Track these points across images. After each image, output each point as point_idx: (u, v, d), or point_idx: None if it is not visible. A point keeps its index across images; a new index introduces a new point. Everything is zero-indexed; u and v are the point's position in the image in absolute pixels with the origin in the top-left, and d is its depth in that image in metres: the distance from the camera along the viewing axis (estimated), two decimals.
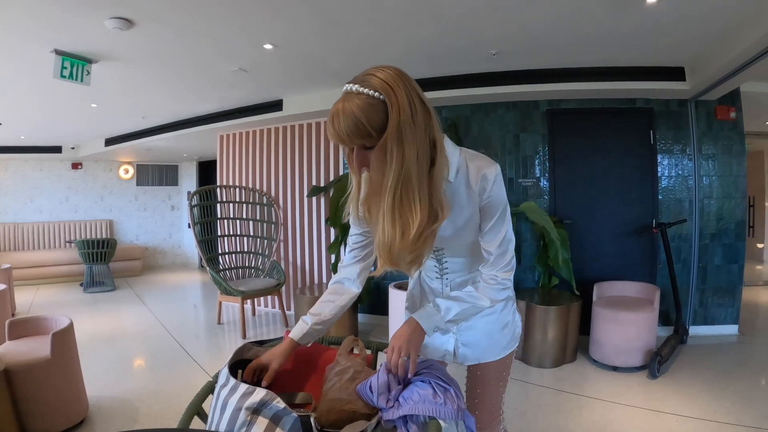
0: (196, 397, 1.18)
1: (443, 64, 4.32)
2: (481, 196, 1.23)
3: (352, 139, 1.05)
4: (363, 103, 1.02)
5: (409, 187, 1.08)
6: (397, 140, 1.04)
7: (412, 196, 1.09)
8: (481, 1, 3.06)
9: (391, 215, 1.10)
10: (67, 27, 3.25)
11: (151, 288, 7.80)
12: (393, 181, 1.06)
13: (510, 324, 1.49)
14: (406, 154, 1.05)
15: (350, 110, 1.02)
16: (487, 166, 1.23)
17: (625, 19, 3.26)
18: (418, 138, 1.07)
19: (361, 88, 1.03)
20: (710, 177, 4.61)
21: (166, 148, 8.38)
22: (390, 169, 1.06)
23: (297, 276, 5.87)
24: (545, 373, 3.80)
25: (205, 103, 5.71)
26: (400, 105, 1.03)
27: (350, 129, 1.03)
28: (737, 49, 3.37)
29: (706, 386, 3.42)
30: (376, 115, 1.03)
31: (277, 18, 3.28)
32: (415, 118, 1.06)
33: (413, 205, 1.09)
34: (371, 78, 1.05)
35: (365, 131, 1.03)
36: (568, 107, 4.73)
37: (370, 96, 1.03)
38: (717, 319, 4.64)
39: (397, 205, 1.09)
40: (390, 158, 1.05)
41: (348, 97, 1.04)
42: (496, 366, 1.49)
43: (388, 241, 1.12)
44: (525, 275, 4.77)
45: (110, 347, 4.49)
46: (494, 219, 1.26)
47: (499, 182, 1.24)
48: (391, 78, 1.05)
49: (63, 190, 9.49)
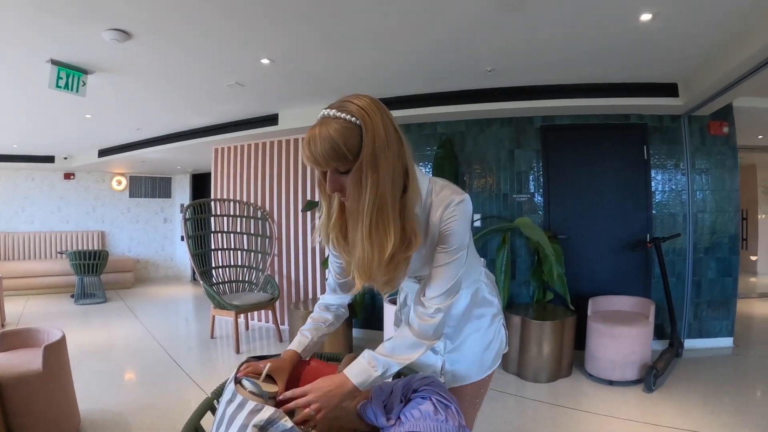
0: (194, 414, 1.18)
1: (439, 81, 4.35)
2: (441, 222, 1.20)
3: (327, 162, 1.06)
4: (340, 127, 1.04)
5: (384, 211, 1.10)
6: (372, 164, 1.06)
7: (386, 219, 1.11)
8: (476, 20, 3.09)
9: (369, 236, 1.11)
10: (64, 37, 3.24)
11: (143, 301, 7.72)
12: (369, 205, 1.08)
13: (494, 341, 1.49)
14: (381, 178, 1.07)
15: (327, 133, 1.04)
16: (454, 195, 1.20)
17: (618, 36, 3.29)
18: (391, 164, 1.09)
19: (339, 113, 1.06)
20: (704, 191, 4.64)
21: (160, 160, 8.35)
22: (365, 193, 1.08)
23: (291, 290, 5.84)
24: (541, 387, 3.78)
25: (201, 116, 5.70)
26: (375, 131, 1.06)
27: (326, 151, 1.04)
28: (729, 66, 3.42)
29: (702, 399, 3.42)
30: (352, 139, 1.05)
31: (275, 33, 3.29)
32: (389, 144, 1.09)
33: (387, 228, 1.11)
34: (348, 104, 1.08)
35: (341, 154, 1.05)
36: (563, 123, 4.77)
37: (347, 121, 1.05)
38: (712, 332, 4.65)
39: (374, 226, 1.10)
40: (365, 182, 1.07)
41: (325, 122, 1.06)
42: (478, 384, 1.48)
43: (366, 261, 1.13)
44: (520, 290, 4.77)
45: (102, 360, 4.44)
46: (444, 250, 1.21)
47: (462, 214, 1.19)
48: (367, 105, 1.08)
49: (55, 200, 9.41)
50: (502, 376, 3.99)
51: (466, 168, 4.96)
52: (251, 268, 5.90)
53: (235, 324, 4.84)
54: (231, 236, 6.02)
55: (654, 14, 2.93)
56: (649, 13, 2.93)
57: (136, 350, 4.82)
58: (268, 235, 5.90)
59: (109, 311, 6.81)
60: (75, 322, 6.07)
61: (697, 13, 2.91)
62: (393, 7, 2.90)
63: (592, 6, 2.86)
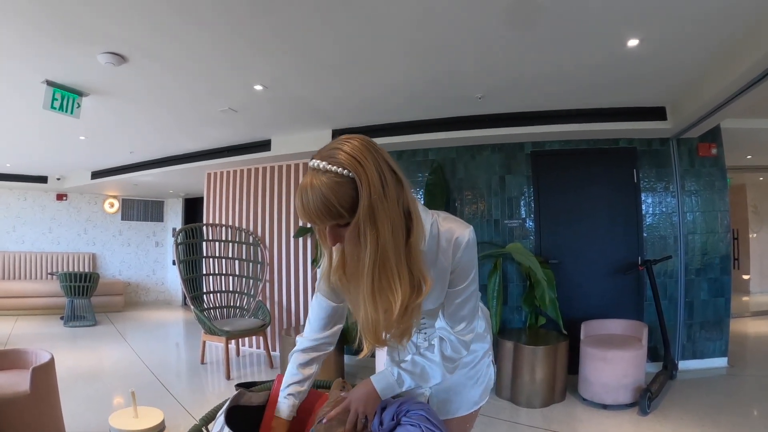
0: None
1: (430, 108, 4.39)
2: (454, 258, 1.18)
3: (323, 220, 1.00)
4: (331, 182, 0.97)
5: (387, 265, 1.03)
6: (369, 219, 0.99)
7: (390, 275, 1.04)
8: (466, 48, 3.14)
9: (372, 298, 1.06)
10: (60, 59, 3.26)
11: (133, 324, 7.65)
12: (369, 263, 1.02)
13: (483, 377, 1.48)
14: (380, 231, 1.00)
15: (318, 190, 0.97)
16: (459, 228, 1.18)
17: (606, 61, 3.33)
18: (391, 212, 1.02)
19: (329, 166, 0.98)
20: (694, 213, 4.67)
21: (153, 184, 8.34)
22: (365, 251, 1.01)
23: (282, 316, 5.80)
24: (534, 413, 3.75)
25: (194, 141, 5.72)
26: (370, 181, 0.98)
27: (320, 210, 0.98)
28: (716, 88, 3.46)
29: (698, 420, 3.41)
30: (346, 194, 0.98)
31: (268, 60, 3.33)
32: (386, 192, 1.01)
33: (393, 284, 1.05)
34: (338, 153, 0.99)
35: (336, 212, 0.98)
36: (553, 148, 4.81)
37: (338, 174, 0.97)
38: (706, 352, 4.64)
39: (377, 287, 1.05)
40: (364, 239, 1.01)
41: (315, 175, 0.99)
42: (464, 418, 1.47)
43: (372, 324, 1.09)
44: (512, 316, 4.75)
45: (91, 384, 4.37)
46: (463, 283, 1.21)
47: (471, 246, 1.19)
48: (359, 151, 1.00)
49: (46, 220, 9.35)
50: (496, 402, 3.95)
51: (457, 194, 4.98)
52: (242, 293, 5.86)
53: (226, 350, 4.79)
54: (223, 261, 5.98)
55: (641, 40, 2.98)
56: (636, 39, 2.98)
57: (125, 374, 4.75)
58: (259, 260, 5.87)
59: (98, 334, 6.73)
60: (64, 344, 6.01)
61: (683, 38, 2.97)
62: (384, 34, 2.94)
63: (580, 32, 2.90)
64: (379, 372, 1.26)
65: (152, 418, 2.77)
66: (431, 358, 1.27)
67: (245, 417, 1.30)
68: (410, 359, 1.28)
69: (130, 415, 2.74)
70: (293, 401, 1.30)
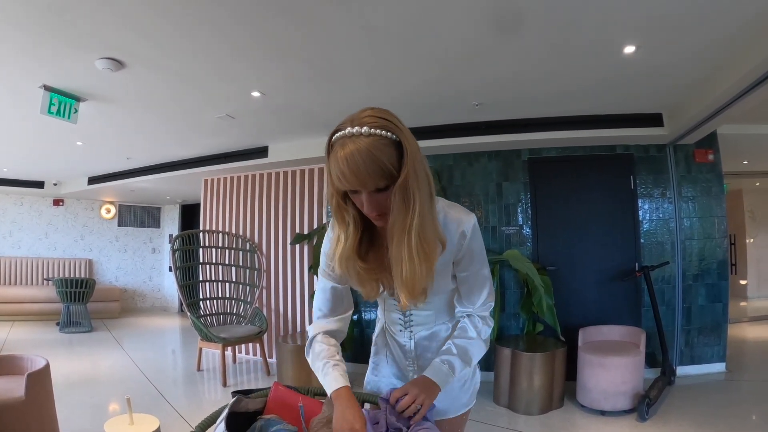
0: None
1: (428, 115, 4.40)
2: (459, 248, 1.24)
3: (375, 181, 1.02)
4: (378, 143, 1.00)
5: (429, 227, 1.09)
6: (416, 178, 1.05)
7: (432, 235, 1.11)
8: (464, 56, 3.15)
9: (418, 252, 1.09)
10: (57, 64, 3.25)
11: (129, 331, 7.62)
12: (418, 218, 1.06)
13: (470, 381, 1.46)
14: (423, 194, 1.06)
15: (367, 150, 0.99)
16: (465, 216, 1.24)
17: (603, 68, 3.35)
18: (428, 178, 1.10)
19: (372, 129, 1.01)
20: (691, 219, 4.67)
21: (150, 190, 8.33)
22: (414, 207, 1.05)
23: (279, 323, 5.77)
24: (533, 420, 3.74)
25: (191, 147, 5.71)
26: (411, 145, 1.04)
27: (372, 170, 1.00)
28: (712, 94, 3.49)
29: (697, 426, 3.40)
30: (393, 154, 1.02)
31: (266, 67, 3.33)
32: (422, 158, 1.09)
33: (435, 242, 1.12)
34: (374, 120, 1.03)
35: (387, 171, 1.01)
36: (550, 155, 4.82)
37: (383, 136, 1.01)
38: (704, 358, 4.64)
39: (423, 240, 1.09)
40: (413, 197, 1.05)
41: (357, 139, 1.00)
42: (452, 423, 1.45)
43: (415, 277, 1.11)
44: (509, 322, 4.74)
45: (86, 390, 4.34)
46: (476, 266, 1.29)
47: (477, 232, 1.26)
48: (393, 117, 1.06)
49: (43, 226, 9.32)
50: (494, 409, 3.93)
51: (454, 201, 4.92)
52: (239, 300, 5.84)
53: (222, 357, 4.77)
54: (219, 268, 5.97)
55: (637, 46, 2.99)
56: (632, 46, 2.99)
57: (121, 381, 4.72)
58: (256, 267, 5.86)
59: (94, 341, 6.71)
60: (60, 350, 5.98)
61: (679, 45, 2.98)
62: (382, 42, 2.95)
63: (577, 39, 2.91)
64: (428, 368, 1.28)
65: (148, 425, 2.74)
66: (470, 335, 1.31)
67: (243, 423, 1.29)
68: (448, 345, 1.31)
69: (126, 422, 2.71)
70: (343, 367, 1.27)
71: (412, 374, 1.45)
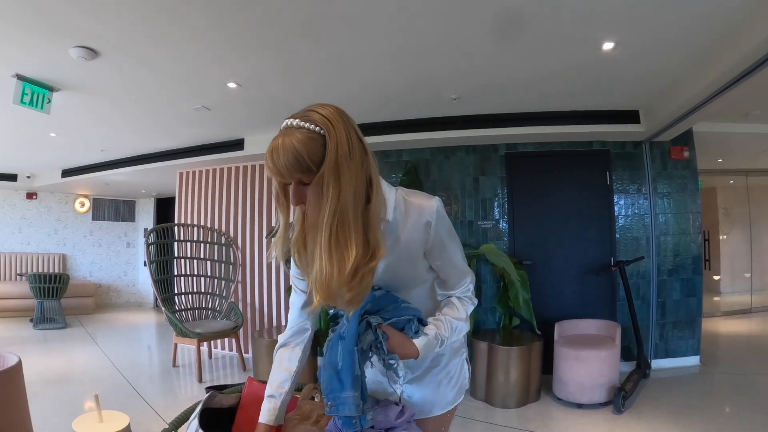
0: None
1: (405, 109, 4.38)
2: (427, 237, 1.23)
3: (291, 174, 1.05)
4: (304, 137, 1.03)
5: (345, 222, 1.07)
6: (334, 174, 1.04)
7: (347, 232, 1.08)
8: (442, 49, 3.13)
9: (328, 250, 1.07)
10: (30, 52, 3.16)
11: (104, 327, 7.48)
12: (329, 216, 1.05)
13: (456, 376, 1.42)
14: (343, 188, 1.05)
15: (291, 144, 1.02)
16: (426, 202, 1.22)
17: (581, 64, 3.36)
18: (354, 174, 1.08)
19: (302, 123, 1.05)
20: (666, 215, 4.73)
21: (125, 183, 8.19)
22: (327, 204, 1.05)
23: (255, 318, 5.72)
24: (509, 413, 3.75)
25: (166, 139, 5.62)
26: (339, 140, 1.05)
27: (290, 163, 1.02)
28: (689, 92, 3.52)
29: (672, 418, 3.45)
30: (316, 149, 1.04)
31: (243, 57, 3.28)
32: (352, 154, 1.07)
33: (349, 241, 1.08)
34: (312, 114, 1.06)
35: (305, 165, 1.03)
36: (527, 150, 4.83)
37: (310, 131, 1.04)
38: (678, 351, 4.71)
39: (333, 239, 1.07)
40: (327, 192, 1.05)
41: (288, 132, 1.05)
42: (437, 420, 1.41)
43: (325, 277, 1.09)
44: (486, 317, 4.76)
45: (61, 388, 4.25)
46: (449, 251, 1.29)
47: (442, 216, 1.23)
48: (331, 114, 1.07)
49: (16, 220, 9.09)
50: (471, 403, 3.95)
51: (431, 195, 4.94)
52: (215, 295, 5.76)
53: (198, 352, 4.71)
54: (194, 262, 5.88)
55: (616, 43, 3.00)
56: (611, 42, 3.00)
57: (96, 378, 4.63)
58: (232, 261, 5.79)
59: (69, 337, 6.57)
60: (33, 347, 5.87)
61: (657, 42, 3.00)
62: (359, 33, 2.91)
63: (555, 34, 2.91)
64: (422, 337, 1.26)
65: (117, 422, 2.68)
66: (459, 315, 1.32)
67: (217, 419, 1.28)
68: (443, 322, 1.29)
69: (95, 419, 2.66)
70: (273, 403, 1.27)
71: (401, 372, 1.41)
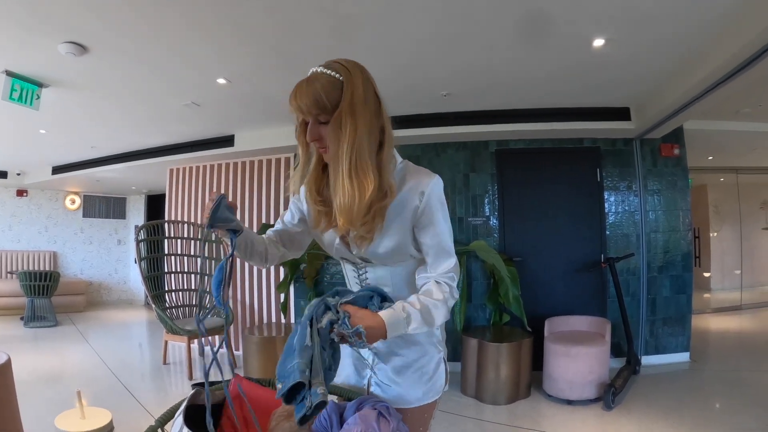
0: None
1: (395, 105, 4.34)
2: (417, 206, 1.24)
3: (309, 109, 1.16)
4: (325, 81, 1.16)
5: (363, 156, 1.17)
6: (351, 114, 1.15)
7: (365, 165, 1.17)
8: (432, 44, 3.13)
9: (349, 177, 1.17)
10: (19, 48, 3.14)
11: (94, 325, 7.44)
12: (348, 147, 1.15)
13: (429, 375, 1.39)
14: (359, 126, 1.16)
15: (312, 85, 1.15)
16: (426, 177, 1.26)
17: (572, 61, 3.36)
18: (369, 119, 1.18)
19: (324, 69, 1.18)
20: (656, 212, 4.75)
21: (115, 180, 8.16)
22: (345, 136, 1.15)
23: (246, 315, 5.71)
24: (499, 410, 3.76)
25: (156, 136, 5.59)
26: (355, 86, 1.17)
27: (309, 99, 1.15)
28: (679, 90, 3.54)
29: (662, 414, 3.46)
30: (334, 92, 1.16)
31: (232, 53, 3.27)
32: (367, 101, 1.19)
33: (366, 172, 1.17)
34: (334, 63, 1.20)
35: (322, 104, 1.15)
36: (517, 147, 4.84)
37: (331, 76, 1.16)
38: (668, 348, 4.73)
39: (354, 168, 1.17)
40: (345, 128, 1.15)
41: (312, 76, 1.18)
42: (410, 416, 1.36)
43: (348, 200, 1.17)
44: (476, 313, 4.76)
45: (51, 386, 4.23)
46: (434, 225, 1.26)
47: (439, 193, 1.26)
48: (352, 65, 1.21)
49: (6, 217, 9.03)
50: (461, 400, 3.95)
51: None
52: (205, 292, 5.71)
53: (188, 350, 4.69)
54: (185, 259, 5.85)
55: (606, 40, 3.01)
56: (601, 39, 3.01)
57: (86, 377, 4.61)
58: (222, 258, 5.72)
59: (59, 335, 6.53)
60: (24, 345, 5.84)
61: (647, 40, 3.01)
62: (348, 30, 2.90)
63: (546, 31, 2.91)
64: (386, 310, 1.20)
65: (100, 418, 2.68)
66: (435, 297, 1.24)
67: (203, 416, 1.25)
68: (413, 298, 1.24)
69: (77, 415, 2.64)
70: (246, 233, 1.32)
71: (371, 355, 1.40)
